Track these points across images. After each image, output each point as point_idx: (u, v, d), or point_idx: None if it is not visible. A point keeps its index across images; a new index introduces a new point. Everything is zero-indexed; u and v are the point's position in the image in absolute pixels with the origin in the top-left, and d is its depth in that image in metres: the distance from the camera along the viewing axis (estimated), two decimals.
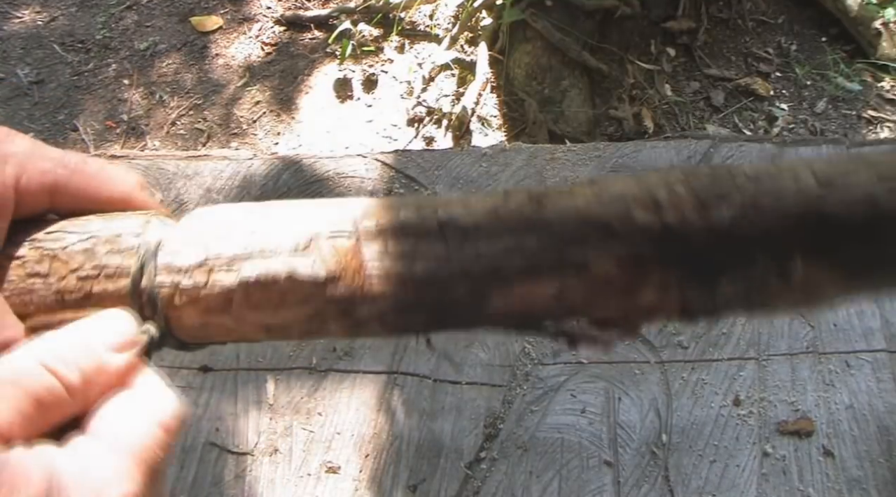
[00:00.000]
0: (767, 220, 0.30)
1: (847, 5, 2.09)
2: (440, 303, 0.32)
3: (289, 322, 0.33)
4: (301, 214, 0.33)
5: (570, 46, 1.99)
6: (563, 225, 0.31)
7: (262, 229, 0.33)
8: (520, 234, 0.31)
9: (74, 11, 2.38)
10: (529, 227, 0.31)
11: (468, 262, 0.32)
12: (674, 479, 0.84)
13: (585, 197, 0.32)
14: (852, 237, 0.30)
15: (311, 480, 0.86)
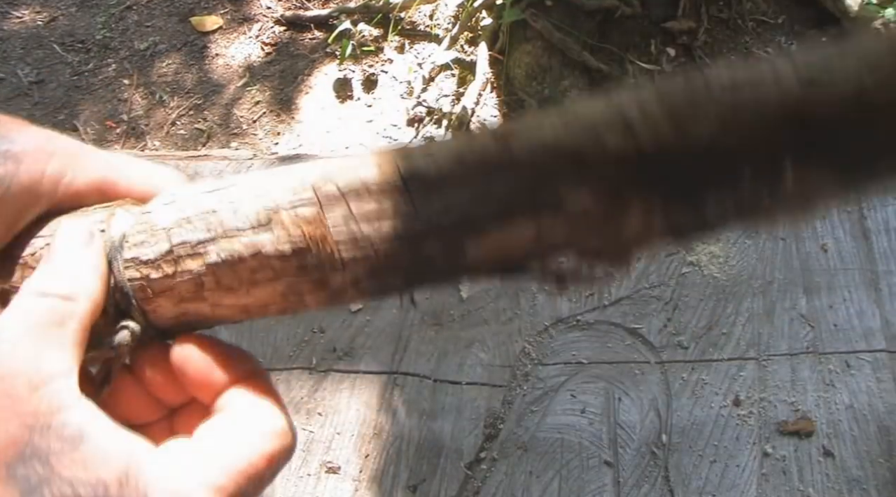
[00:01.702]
0: (749, 130, 0.27)
1: (847, 5, 2.09)
2: (414, 261, 0.31)
3: (265, 300, 0.32)
4: (261, 188, 0.32)
5: (570, 46, 1.99)
6: (531, 162, 0.29)
7: (223, 208, 0.31)
8: (487, 178, 0.29)
9: (74, 11, 2.38)
10: (497, 168, 0.29)
11: (437, 216, 0.30)
12: (674, 479, 0.84)
13: (553, 127, 0.29)
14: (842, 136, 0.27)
15: (311, 480, 0.86)
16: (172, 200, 0.33)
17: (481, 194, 0.29)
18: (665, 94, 0.28)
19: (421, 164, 0.30)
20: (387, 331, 0.96)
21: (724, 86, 0.28)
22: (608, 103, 0.29)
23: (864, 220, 1.00)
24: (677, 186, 0.28)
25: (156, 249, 0.32)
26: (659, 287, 0.97)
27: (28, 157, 0.31)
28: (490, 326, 0.96)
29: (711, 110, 0.28)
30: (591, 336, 0.94)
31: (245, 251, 0.31)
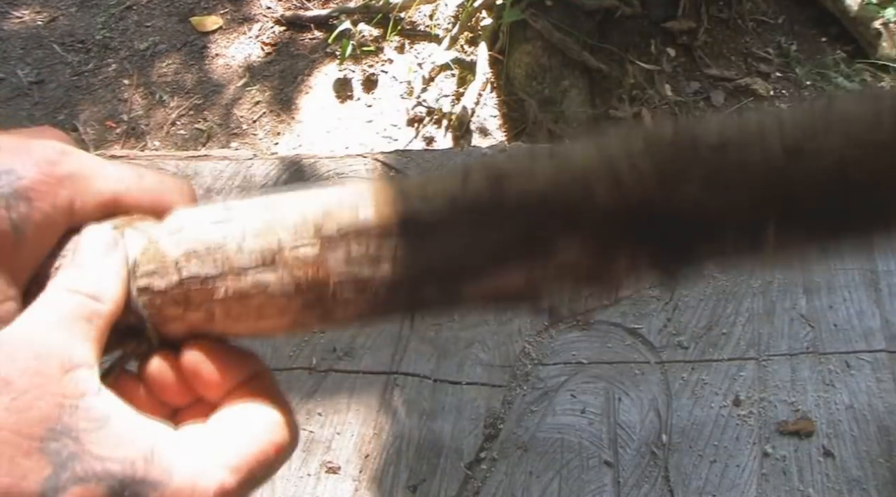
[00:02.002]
0: (734, 194, 0.29)
1: (847, 5, 2.09)
2: (411, 300, 0.32)
3: (273, 328, 0.34)
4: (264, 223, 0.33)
5: (570, 46, 1.99)
6: (524, 213, 0.30)
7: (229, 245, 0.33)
8: (482, 227, 0.31)
9: (74, 11, 2.38)
10: (490, 216, 0.31)
11: (433, 261, 0.31)
12: (674, 479, 0.84)
13: (546, 177, 0.30)
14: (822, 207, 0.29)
15: (311, 480, 0.86)
16: (179, 229, 0.34)
17: (475, 242, 0.31)
18: (654, 148, 0.29)
19: (418, 208, 0.31)
20: (387, 331, 0.96)
21: (712, 146, 0.29)
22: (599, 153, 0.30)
23: None
24: (664, 239, 0.30)
25: (167, 281, 0.33)
26: (659, 287, 0.97)
27: (36, 192, 0.32)
28: (490, 326, 0.96)
29: (699, 172, 0.29)
30: (591, 336, 0.94)
31: (251, 289, 0.32)
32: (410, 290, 0.32)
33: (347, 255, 0.32)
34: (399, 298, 0.32)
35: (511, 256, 0.31)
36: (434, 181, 0.32)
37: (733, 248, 0.30)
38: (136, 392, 0.33)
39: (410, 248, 0.31)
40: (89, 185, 0.34)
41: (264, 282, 0.32)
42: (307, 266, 0.32)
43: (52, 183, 0.32)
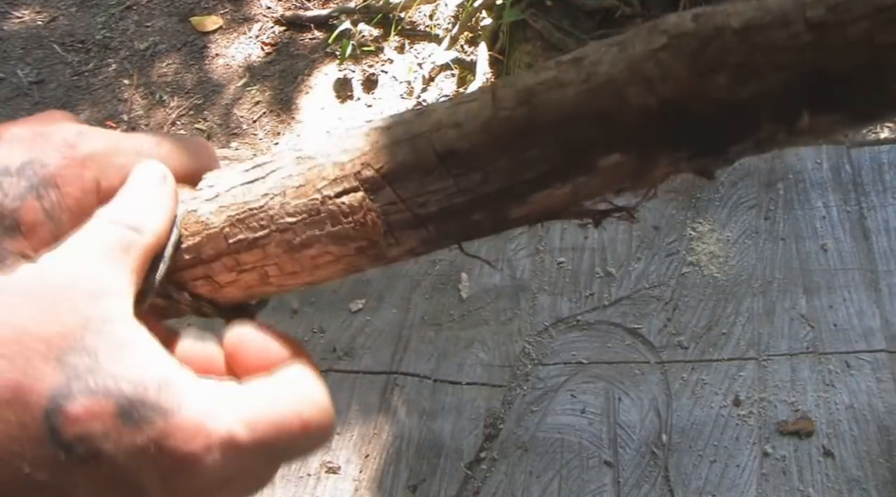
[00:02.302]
0: (765, 78, 0.28)
1: None
2: (462, 228, 0.33)
3: (328, 276, 0.34)
4: (302, 175, 0.33)
5: (570, 46, 1.99)
6: (559, 127, 0.30)
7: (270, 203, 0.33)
8: (520, 148, 0.31)
9: (74, 11, 2.38)
10: (527, 136, 0.31)
11: (478, 188, 0.31)
12: (674, 479, 0.84)
13: (575, 88, 0.30)
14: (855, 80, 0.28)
15: (311, 480, 0.86)
16: (216, 195, 0.34)
17: (516, 163, 0.31)
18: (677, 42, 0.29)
19: (454, 139, 0.31)
20: (387, 331, 0.96)
21: (736, 30, 0.28)
22: (627, 56, 0.30)
23: (863, 220, 1.00)
24: (702, 136, 0.30)
25: (215, 249, 0.33)
26: (659, 287, 0.97)
27: (62, 178, 0.32)
28: (490, 326, 0.96)
29: (726, 59, 0.28)
30: (591, 336, 0.94)
31: (302, 244, 0.32)
32: (459, 221, 0.32)
33: (393, 195, 0.31)
34: (449, 230, 0.32)
35: (553, 173, 0.31)
36: (464, 105, 0.32)
37: (770, 135, 0.30)
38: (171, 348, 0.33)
39: (453, 181, 0.31)
40: (112, 162, 0.34)
41: (314, 234, 0.32)
42: (354, 212, 0.32)
43: (76, 166, 0.32)
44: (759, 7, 0.29)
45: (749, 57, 0.28)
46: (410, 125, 0.32)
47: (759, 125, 0.29)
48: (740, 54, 0.28)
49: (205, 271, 0.34)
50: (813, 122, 0.29)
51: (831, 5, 0.27)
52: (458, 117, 0.31)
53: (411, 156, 0.31)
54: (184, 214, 0.34)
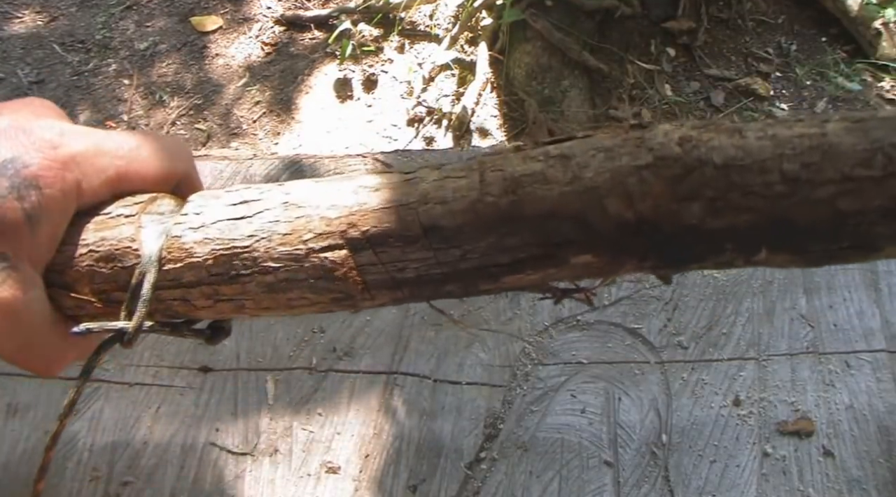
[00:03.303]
0: (735, 216, 0.30)
1: (847, 5, 2.09)
2: (433, 294, 0.34)
3: (300, 313, 0.35)
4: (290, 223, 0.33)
5: (570, 46, 1.99)
6: (540, 221, 0.32)
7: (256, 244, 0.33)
8: (500, 234, 0.32)
9: (74, 11, 2.38)
10: (509, 224, 0.32)
11: (455, 263, 0.33)
12: (674, 479, 0.84)
13: (560, 187, 0.31)
14: (813, 232, 0.30)
15: (311, 480, 0.86)
16: (203, 224, 0.34)
17: (494, 247, 0.32)
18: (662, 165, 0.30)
19: (439, 215, 0.32)
20: (387, 331, 0.96)
21: (717, 165, 0.30)
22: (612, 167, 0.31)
23: None
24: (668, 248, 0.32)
25: (195, 276, 0.34)
26: (659, 287, 0.97)
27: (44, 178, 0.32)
28: (490, 326, 0.96)
29: (704, 192, 0.30)
30: (591, 336, 0.94)
31: (281, 286, 0.34)
32: (432, 289, 0.34)
33: (374, 258, 0.33)
34: (422, 294, 0.34)
35: (528, 260, 0.32)
36: (452, 180, 0.33)
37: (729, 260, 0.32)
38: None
39: (433, 253, 0.33)
40: (93, 164, 0.34)
41: (294, 280, 0.33)
42: (335, 268, 0.33)
43: (58, 167, 0.32)
44: (741, 147, 0.30)
45: (725, 193, 0.30)
46: (399, 192, 0.33)
47: (721, 252, 0.31)
48: (717, 189, 0.30)
49: (182, 294, 0.34)
50: (769, 258, 0.31)
51: (806, 163, 0.29)
52: (445, 193, 0.32)
53: (397, 224, 0.33)
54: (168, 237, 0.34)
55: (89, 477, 0.86)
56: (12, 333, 0.32)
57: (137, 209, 0.35)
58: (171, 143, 0.37)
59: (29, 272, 0.32)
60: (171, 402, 0.91)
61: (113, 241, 0.34)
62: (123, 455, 0.88)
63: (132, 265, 0.33)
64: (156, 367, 0.93)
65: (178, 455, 0.88)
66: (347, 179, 0.34)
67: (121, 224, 0.34)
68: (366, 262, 0.33)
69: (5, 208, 0.31)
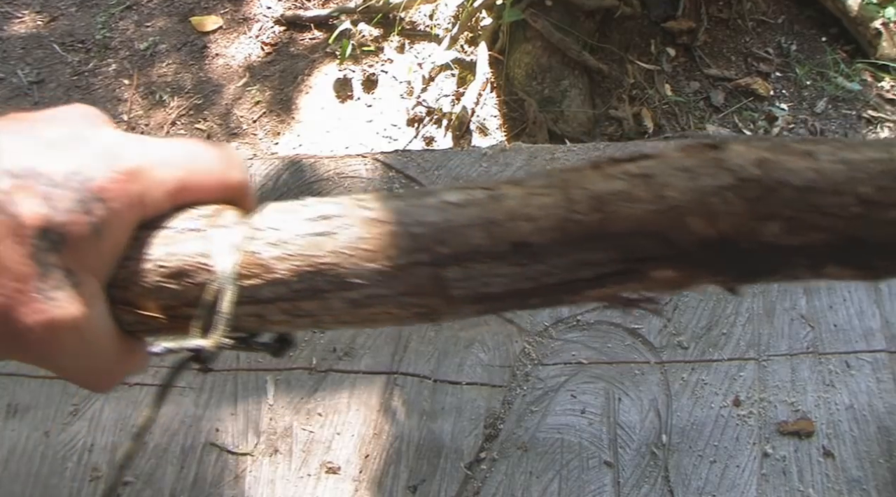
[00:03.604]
0: (810, 234, 0.32)
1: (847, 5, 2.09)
2: (517, 306, 0.36)
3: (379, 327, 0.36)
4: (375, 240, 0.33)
5: (570, 46, 1.99)
6: (625, 238, 0.33)
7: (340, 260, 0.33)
8: (586, 250, 0.33)
9: (74, 11, 2.38)
10: (594, 241, 0.33)
11: (541, 278, 0.34)
12: (674, 479, 0.84)
13: (644, 205, 0.33)
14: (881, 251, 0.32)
15: (311, 481, 0.86)
16: (279, 241, 0.34)
17: (579, 262, 0.34)
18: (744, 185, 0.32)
19: (528, 232, 0.33)
20: (387, 331, 0.96)
21: (797, 187, 0.32)
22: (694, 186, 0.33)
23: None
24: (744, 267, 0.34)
25: (274, 293, 0.33)
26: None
27: (108, 192, 0.31)
28: (490, 326, 0.96)
29: (783, 213, 0.32)
30: (591, 336, 0.94)
31: (365, 302, 0.34)
32: (516, 302, 0.35)
33: (461, 273, 0.33)
34: (505, 307, 0.35)
35: (611, 275, 0.34)
36: (537, 198, 0.34)
37: (798, 275, 0.34)
38: None
39: (520, 269, 0.33)
40: (155, 176, 0.33)
41: (379, 296, 0.33)
42: (423, 284, 0.33)
43: (122, 180, 0.32)
44: (817, 170, 0.32)
45: (802, 213, 0.32)
46: (485, 209, 0.34)
47: (793, 267, 0.33)
48: (795, 210, 0.32)
49: (258, 310, 0.34)
50: (836, 272, 0.34)
51: (880, 186, 0.32)
52: (532, 211, 0.34)
53: (486, 241, 0.33)
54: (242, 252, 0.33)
55: (89, 477, 0.86)
56: (76, 351, 0.31)
57: (205, 223, 0.34)
58: (227, 153, 0.37)
59: (93, 287, 0.31)
60: (171, 402, 0.91)
61: (183, 257, 0.33)
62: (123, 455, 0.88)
63: (203, 281, 0.33)
64: (156, 367, 0.93)
65: (178, 455, 0.88)
66: (429, 195, 0.34)
67: (189, 239, 0.34)
68: (452, 277, 0.33)
69: (73, 223, 0.30)
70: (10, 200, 0.29)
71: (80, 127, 0.34)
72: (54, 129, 0.33)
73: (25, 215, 0.29)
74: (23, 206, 0.29)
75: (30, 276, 0.29)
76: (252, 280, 0.33)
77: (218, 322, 0.33)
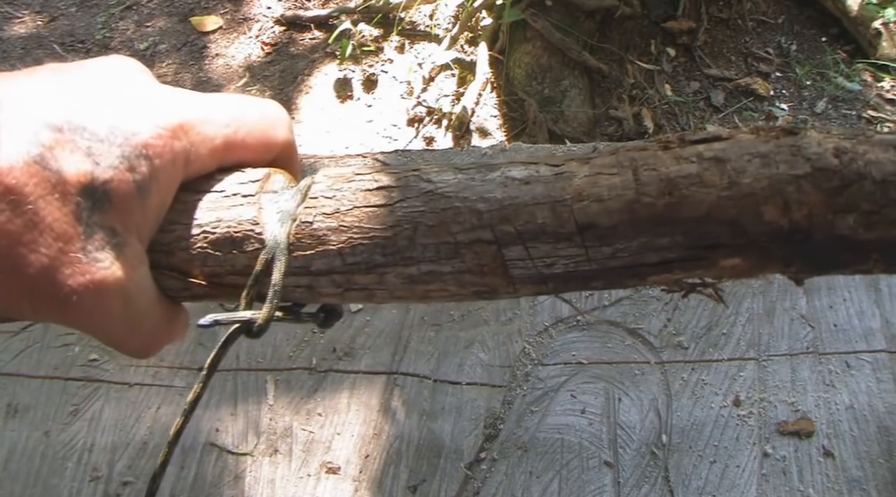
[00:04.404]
0: (888, 229, 0.31)
1: (847, 5, 2.09)
2: (578, 287, 0.34)
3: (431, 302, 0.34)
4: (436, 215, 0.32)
5: (570, 46, 1.99)
6: (695, 224, 0.32)
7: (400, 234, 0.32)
8: (654, 235, 0.32)
9: (74, 11, 2.38)
10: (663, 226, 0.32)
11: (606, 261, 0.32)
12: (674, 479, 0.84)
13: (717, 191, 0.31)
14: None
15: (311, 481, 0.86)
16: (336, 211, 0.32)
17: (646, 246, 0.32)
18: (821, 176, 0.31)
19: (595, 214, 0.32)
20: (387, 331, 0.96)
21: (876, 180, 0.30)
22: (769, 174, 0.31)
23: None
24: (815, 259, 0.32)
25: (328, 264, 0.32)
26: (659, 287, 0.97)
27: (154, 148, 0.30)
28: (490, 326, 0.96)
29: (861, 205, 0.30)
30: (591, 336, 0.94)
31: (423, 278, 0.32)
32: (578, 283, 0.33)
33: (524, 252, 0.32)
34: (566, 288, 0.34)
35: (678, 261, 0.32)
36: (605, 178, 0.32)
37: (869, 268, 0.32)
38: None
39: (586, 249, 0.32)
40: (201, 133, 0.32)
41: (439, 272, 0.32)
42: (484, 262, 0.32)
43: (167, 136, 0.30)
44: None
45: (881, 207, 0.30)
46: (551, 187, 0.32)
47: (866, 261, 0.32)
48: (874, 203, 0.30)
49: (310, 282, 0.33)
50: None
51: None
52: (600, 191, 0.32)
53: (552, 221, 0.32)
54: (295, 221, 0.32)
55: (89, 477, 0.86)
56: (119, 313, 0.30)
57: (256, 188, 0.33)
58: (272, 108, 0.35)
59: (137, 248, 0.30)
60: (171, 402, 0.91)
61: (231, 224, 0.32)
62: (123, 455, 0.88)
63: (253, 250, 0.32)
64: (155, 367, 0.93)
65: (178, 455, 0.88)
66: (491, 169, 0.33)
67: (238, 204, 0.32)
68: (515, 256, 0.32)
69: (117, 180, 0.28)
70: (52, 156, 0.27)
71: (122, 79, 0.32)
72: (96, 81, 0.31)
73: (68, 171, 0.28)
74: (65, 161, 0.28)
75: (73, 235, 0.28)
76: (305, 251, 0.32)
77: (269, 294, 0.31)
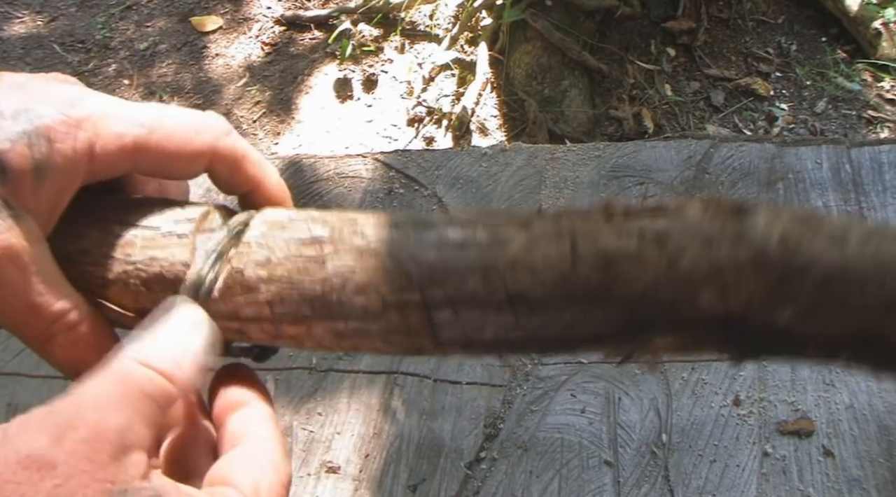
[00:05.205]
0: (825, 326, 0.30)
1: (847, 5, 2.09)
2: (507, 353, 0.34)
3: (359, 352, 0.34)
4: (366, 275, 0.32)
5: (570, 46, 1.99)
6: (629, 302, 0.31)
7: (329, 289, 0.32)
8: (586, 309, 0.32)
9: (74, 11, 2.38)
10: (597, 300, 0.31)
11: (536, 331, 0.32)
12: (674, 479, 0.84)
13: (655, 271, 0.31)
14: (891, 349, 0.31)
15: (311, 480, 0.86)
16: (267, 261, 0.32)
17: (578, 321, 0.32)
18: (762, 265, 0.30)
19: (527, 285, 0.31)
20: None
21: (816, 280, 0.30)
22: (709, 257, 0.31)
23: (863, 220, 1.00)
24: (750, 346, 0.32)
25: (256, 312, 0.32)
26: None
27: (56, 132, 0.30)
28: None
29: (799, 301, 0.30)
30: None
31: (350, 334, 0.32)
32: (507, 349, 0.33)
33: (453, 316, 0.32)
34: (494, 353, 0.34)
35: (609, 336, 0.32)
36: (542, 247, 0.32)
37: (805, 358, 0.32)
38: None
39: (515, 320, 0.32)
40: (110, 128, 0.32)
41: (365, 330, 0.32)
42: (412, 323, 0.32)
43: (72, 124, 0.31)
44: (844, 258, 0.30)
45: (819, 305, 0.30)
46: (485, 254, 0.32)
47: (804, 353, 0.32)
48: (813, 301, 0.30)
49: (240, 327, 0.33)
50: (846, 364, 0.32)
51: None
52: (535, 261, 0.32)
53: (482, 288, 0.32)
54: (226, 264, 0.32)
55: None
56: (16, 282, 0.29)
57: (191, 228, 0.33)
58: (200, 116, 0.34)
59: (34, 226, 0.30)
60: None
61: (164, 263, 0.32)
62: None
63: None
64: None
65: None
66: (428, 228, 0.33)
67: (172, 244, 0.33)
68: (444, 319, 0.32)
69: (14, 152, 0.29)
70: None
71: (44, 79, 0.32)
72: (19, 77, 0.32)
73: None
74: None
75: None
76: (234, 297, 0.32)
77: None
